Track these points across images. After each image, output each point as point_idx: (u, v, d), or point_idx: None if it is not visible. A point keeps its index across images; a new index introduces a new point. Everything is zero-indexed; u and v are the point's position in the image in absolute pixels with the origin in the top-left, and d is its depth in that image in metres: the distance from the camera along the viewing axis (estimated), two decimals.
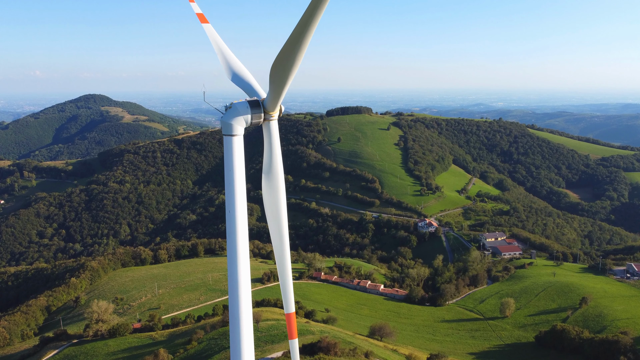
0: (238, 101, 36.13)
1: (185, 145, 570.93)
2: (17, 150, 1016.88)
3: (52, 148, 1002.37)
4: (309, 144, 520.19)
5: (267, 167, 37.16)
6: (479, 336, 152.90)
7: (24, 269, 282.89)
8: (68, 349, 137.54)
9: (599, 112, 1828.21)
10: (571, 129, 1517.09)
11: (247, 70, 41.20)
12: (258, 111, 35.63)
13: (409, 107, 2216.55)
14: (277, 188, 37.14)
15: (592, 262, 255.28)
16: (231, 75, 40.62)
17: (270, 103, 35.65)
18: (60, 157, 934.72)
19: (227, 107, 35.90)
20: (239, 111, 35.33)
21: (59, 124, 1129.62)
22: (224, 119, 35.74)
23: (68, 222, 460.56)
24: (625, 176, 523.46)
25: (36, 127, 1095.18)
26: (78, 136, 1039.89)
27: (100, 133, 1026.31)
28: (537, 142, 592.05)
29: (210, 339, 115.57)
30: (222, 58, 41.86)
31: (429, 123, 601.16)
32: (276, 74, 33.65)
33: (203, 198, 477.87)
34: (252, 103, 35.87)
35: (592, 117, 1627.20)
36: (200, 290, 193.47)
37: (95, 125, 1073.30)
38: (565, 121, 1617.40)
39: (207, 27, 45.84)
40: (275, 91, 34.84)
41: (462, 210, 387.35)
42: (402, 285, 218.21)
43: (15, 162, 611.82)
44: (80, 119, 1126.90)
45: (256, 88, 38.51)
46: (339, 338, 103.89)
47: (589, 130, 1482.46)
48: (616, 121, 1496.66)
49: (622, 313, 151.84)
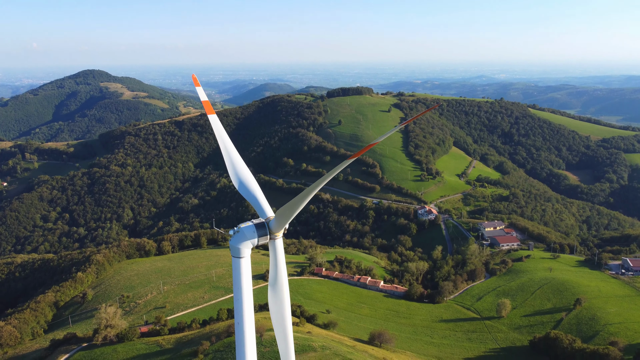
0: (245, 225, 38.28)
1: (186, 128, 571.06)
2: (17, 128, 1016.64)
3: (53, 126, 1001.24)
4: (310, 127, 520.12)
5: (273, 280, 39.65)
6: (475, 338, 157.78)
7: (30, 260, 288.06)
8: (78, 354, 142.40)
9: (602, 85, 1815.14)
10: (573, 103, 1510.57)
11: (253, 179, 43.10)
12: (264, 233, 37.97)
13: (410, 79, 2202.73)
14: (282, 299, 39.82)
15: (589, 253, 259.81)
16: (238, 183, 42.52)
17: (275, 227, 38.03)
18: (60, 135, 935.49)
19: (235, 231, 38.17)
20: (245, 236, 37.66)
21: (58, 100, 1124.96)
22: (232, 243, 38.18)
23: (71, 206, 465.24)
24: (625, 158, 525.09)
25: (36, 104, 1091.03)
26: (78, 113, 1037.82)
27: (100, 110, 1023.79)
28: (538, 123, 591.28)
29: (215, 351, 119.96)
30: (229, 163, 43.57)
31: (430, 104, 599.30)
32: (284, 213, 36.29)
33: (205, 181, 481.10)
34: (259, 226, 38.14)
35: (594, 91, 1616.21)
36: (204, 287, 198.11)
37: (95, 102, 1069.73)
38: (568, 94, 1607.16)
39: (213, 119, 47.63)
40: (282, 222, 37.35)
41: (461, 196, 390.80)
42: (401, 280, 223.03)
43: (17, 144, 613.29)
44: (80, 95, 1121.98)
45: (261, 203, 40.47)
46: (339, 355, 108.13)
47: (591, 104, 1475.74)
48: (619, 95, 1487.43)
49: (614, 316, 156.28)
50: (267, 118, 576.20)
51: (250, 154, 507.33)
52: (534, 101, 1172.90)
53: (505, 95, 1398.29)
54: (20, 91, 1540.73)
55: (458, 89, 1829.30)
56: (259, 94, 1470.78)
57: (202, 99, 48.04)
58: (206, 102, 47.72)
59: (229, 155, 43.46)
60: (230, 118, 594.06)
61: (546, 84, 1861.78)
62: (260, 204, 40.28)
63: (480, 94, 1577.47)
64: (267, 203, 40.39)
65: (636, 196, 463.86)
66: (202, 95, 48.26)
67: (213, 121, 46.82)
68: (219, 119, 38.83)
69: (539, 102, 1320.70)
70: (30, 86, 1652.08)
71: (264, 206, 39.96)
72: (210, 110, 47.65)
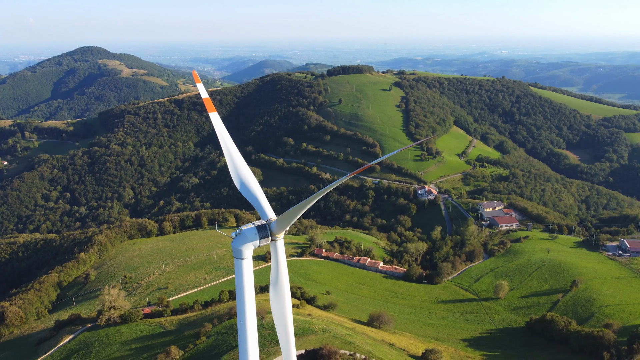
0: (247, 227, 39.08)
1: (186, 106, 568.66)
2: (16, 106, 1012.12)
3: (51, 103, 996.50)
4: (310, 106, 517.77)
5: (274, 280, 40.71)
6: (472, 319, 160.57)
7: (32, 240, 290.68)
8: (83, 335, 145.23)
9: (605, 62, 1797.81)
10: (575, 80, 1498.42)
11: (255, 180, 43.64)
12: (265, 235, 38.89)
13: (411, 56, 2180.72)
14: (282, 297, 40.98)
15: (587, 233, 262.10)
16: (239, 184, 43.10)
17: (277, 229, 38.92)
18: (59, 114, 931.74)
19: (237, 233, 39.01)
20: (247, 238, 38.60)
21: (56, 77, 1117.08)
22: (234, 245, 39.15)
23: (72, 185, 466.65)
24: (626, 137, 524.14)
25: (34, 82, 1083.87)
26: (77, 91, 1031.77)
27: (99, 88, 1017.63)
28: (539, 101, 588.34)
29: (217, 333, 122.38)
30: (231, 163, 44.12)
31: (431, 82, 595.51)
32: (285, 218, 37.18)
33: (205, 161, 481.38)
34: (260, 228, 39.03)
35: (597, 68, 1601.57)
36: (205, 268, 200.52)
37: (94, 79, 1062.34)
38: (570, 71, 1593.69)
39: (214, 117, 47.99)
40: (283, 226, 38.24)
41: (461, 175, 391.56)
42: (400, 260, 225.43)
43: (16, 122, 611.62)
44: (78, 72, 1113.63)
45: (263, 204, 41.19)
46: (339, 338, 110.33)
47: (593, 81, 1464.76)
48: (621, 72, 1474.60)
49: (610, 298, 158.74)
50: (267, 97, 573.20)
51: (251, 133, 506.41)
52: (535, 78, 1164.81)
53: (506, 72, 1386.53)
54: (17, 68, 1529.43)
55: (459, 65, 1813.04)
56: (259, 71, 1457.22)
57: (203, 97, 48.30)
58: (207, 99, 48.04)
59: (231, 155, 43.95)
60: (230, 97, 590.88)
61: (548, 61, 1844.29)
62: (261, 205, 40.99)
63: (481, 71, 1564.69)
64: (268, 204, 41.10)
65: (635, 176, 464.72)
66: (203, 93, 48.54)
67: (214, 120, 47.18)
68: (220, 97, 38.34)
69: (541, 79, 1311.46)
70: (27, 63, 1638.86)
71: (265, 208, 40.68)
72: (212, 108, 48.03)
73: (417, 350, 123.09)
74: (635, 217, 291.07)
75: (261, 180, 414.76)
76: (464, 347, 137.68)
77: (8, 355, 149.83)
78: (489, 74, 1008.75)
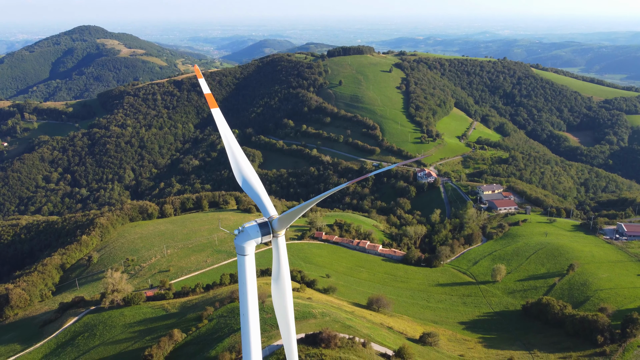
0: (249, 224, 40.12)
1: (185, 87, 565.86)
2: (15, 86, 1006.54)
3: (50, 84, 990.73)
4: (310, 87, 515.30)
5: (276, 275, 42.02)
6: (470, 302, 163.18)
7: (34, 222, 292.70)
8: (87, 317, 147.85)
9: (608, 42, 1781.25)
10: (577, 61, 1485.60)
11: (257, 177, 44.43)
12: (267, 232, 40.04)
13: (413, 36, 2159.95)
14: (284, 292, 42.39)
15: (585, 217, 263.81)
16: (242, 181, 43.92)
17: (278, 227, 40.04)
18: (58, 94, 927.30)
19: (239, 230, 40.10)
20: (249, 235, 39.73)
21: (54, 57, 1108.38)
22: (237, 242, 40.29)
23: (72, 166, 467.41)
24: (627, 119, 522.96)
25: (32, 61, 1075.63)
26: (75, 71, 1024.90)
27: (97, 68, 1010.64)
28: (540, 83, 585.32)
29: (219, 317, 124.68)
30: (233, 161, 44.77)
31: (432, 64, 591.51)
32: (287, 218, 38.34)
33: (205, 142, 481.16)
34: (262, 225, 40.12)
35: (600, 48, 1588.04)
36: (206, 251, 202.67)
37: (92, 59, 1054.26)
38: (572, 52, 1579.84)
39: (216, 113, 48.58)
40: (284, 224, 39.42)
41: (461, 158, 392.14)
42: (399, 244, 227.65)
43: (15, 103, 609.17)
44: (76, 52, 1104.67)
45: (265, 202, 42.14)
46: (339, 322, 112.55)
47: (595, 62, 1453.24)
48: (624, 52, 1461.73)
49: (605, 282, 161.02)
50: (267, 78, 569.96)
51: (250, 114, 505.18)
52: (537, 59, 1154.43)
53: (508, 53, 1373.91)
54: (15, 47, 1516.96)
55: (461, 45, 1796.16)
56: (259, 51, 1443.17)
57: (205, 92, 48.61)
58: (209, 95, 48.40)
59: (233, 153, 44.61)
60: (229, 78, 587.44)
61: (551, 41, 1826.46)
62: (263, 203, 41.95)
63: (483, 51, 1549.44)
64: (270, 202, 42.08)
65: (635, 158, 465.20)
66: (205, 89, 48.86)
67: (217, 116, 47.62)
68: (219, 78, 38.31)
69: (543, 59, 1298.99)
70: (25, 42, 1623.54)
71: (267, 205, 41.65)
72: (214, 104, 48.49)
73: (415, 333, 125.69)
74: (633, 200, 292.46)
75: (261, 163, 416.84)
76: (461, 330, 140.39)
77: (14, 336, 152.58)
78: (491, 54, 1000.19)
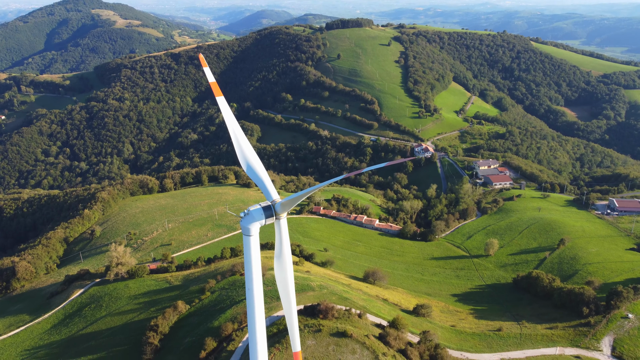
0: (254, 208, 43.73)
1: (183, 60, 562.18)
2: (9, 57, 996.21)
3: (46, 55, 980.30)
4: (308, 61, 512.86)
5: (278, 253, 45.95)
6: (463, 275, 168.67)
7: (36, 196, 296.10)
8: (92, 289, 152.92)
9: (610, 14, 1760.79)
10: (578, 33, 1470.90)
11: (260, 163, 47.78)
12: (270, 214, 43.82)
13: (413, 6, 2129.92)
14: (285, 268, 46.35)
15: (579, 192, 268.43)
16: (246, 167, 47.34)
17: (280, 210, 43.72)
18: (54, 66, 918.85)
19: (245, 213, 43.75)
20: (254, 217, 43.48)
21: (49, 28, 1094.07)
22: (242, 224, 44.07)
23: (71, 140, 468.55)
24: (625, 94, 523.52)
25: (26, 32, 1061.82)
26: (70, 42, 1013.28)
27: (93, 39, 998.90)
28: (539, 57, 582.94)
29: (221, 289, 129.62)
30: (238, 148, 48.07)
31: (431, 37, 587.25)
32: (288, 203, 41.98)
33: (203, 116, 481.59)
34: (266, 208, 43.82)
35: (601, 20, 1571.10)
36: (207, 225, 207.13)
37: (87, 30, 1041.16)
38: (574, 24, 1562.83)
39: (221, 101, 51.52)
40: (286, 208, 43.12)
41: (458, 133, 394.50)
42: (396, 218, 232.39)
43: (12, 76, 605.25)
44: (71, 23, 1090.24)
45: (268, 187, 45.73)
46: (336, 294, 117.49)
47: (596, 34, 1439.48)
48: (626, 24, 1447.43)
49: (594, 256, 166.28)
50: (265, 51, 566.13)
51: (249, 88, 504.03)
52: (538, 31, 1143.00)
53: (509, 25, 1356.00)
54: (8, 17, 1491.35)
55: (461, 17, 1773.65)
56: (256, 22, 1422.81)
57: (210, 81, 51.35)
58: (214, 83, 51.26)
59: (238, 140, 47.80)
60: (227, 51, 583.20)
61: (552, 12, 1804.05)
62: (267, 187, 45.50)
63: (483, 23, 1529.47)
64: (273, 187, 45.61)
65: (632, 133, 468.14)
66: (209, 77, 51.53)
67: (222, 104, 50.56)
68: (217, 51, 39.69)
69: (544, 32, 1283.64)
70: (18, 12, 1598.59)
71: (271, 190, 45.23)
72: (219, 92, 51.36)
73: (409, 305, 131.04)
74: (626, 176, 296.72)
75: (260, 137, 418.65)
76: (453, 301, 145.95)
77: (22, 307, 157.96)
78: (491, 26, 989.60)
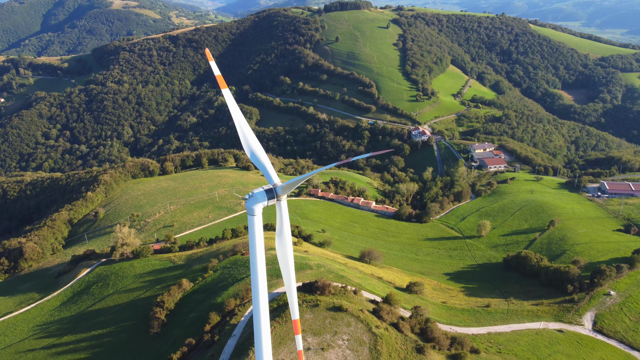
0: (257, 190, 48.91)
1: (181, 43, 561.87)
2: (6, 39, 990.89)
3: (42, 37, 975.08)
4: (307, 44, 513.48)
5: (279, 231, 51.28)
6: (455, 255, 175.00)
7: (39, 178, 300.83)
8: (99, 269, 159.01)
9: None
10: (579, 14, 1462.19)
11: (263, 150, 52.84)
12: (272, 197, 49.06)
13: None
14: (285, 245, 51.68)
15: (572, 175, 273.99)
16: (250, 153, 52.43)
17: (281, 193, 48.93)
18: (51, 47, 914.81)
19: (250, 195, 48.94)
20: (257, 199, 48.69)
21: (45, 9, 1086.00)
22: (247, 205, 49.32)
23: (71, 123, 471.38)
24: (622, 77, 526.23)
25: (22, 13, 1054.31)
26: (67, 24, 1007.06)
27: (90, 21, 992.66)
28: (537, 40, 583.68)
29: (223, 268, 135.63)
30: (242, 136, 53.00)
31: (430, 19, 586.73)
32: (288, 186, 47.20)
33: (202, 99, 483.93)
34: (268, 191, 49.01)
35: (602, 1, 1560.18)
36: (208, 207, 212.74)
37: (84, 11, 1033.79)
38: (574, 5, 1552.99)
39: (226, 93, 56.34)
40: (286, 191, 48.35)
41: (455, 116, 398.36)
42: (392, 200, 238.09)
43: (10, 58, 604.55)
44: (67, 3, 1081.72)
45: (270, 172, 50.83)
46: (333, 272, 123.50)
47: (597, 16, 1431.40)
48: (626, 5, 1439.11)
49: (582, 237, 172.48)
50: (263, 33, 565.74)
51: (247, 71, 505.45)
52: (538, 12, 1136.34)
53: (509, 6, 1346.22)
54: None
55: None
56: (254, 2, 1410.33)
57: (216, 74, 55.94)
58: (219, 76, 55.85)
59: (242, 129, 52.71)
60: (225, 33, 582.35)
61: None
62: (268, 172, 50.64)
63: (483, 4, 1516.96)
64: (274, 171, 50.72)
65: (627, 117, 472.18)
66: (215, 71, 56.04)
67: (227, 96, 55.35)
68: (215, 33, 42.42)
69: (544, 13, 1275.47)
70: None
71: (272, 174, 50.39)
72: (224, 85, 56.05)
73: (403, 282, 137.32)
74: (619, 159, 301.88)
75: (258, 120, 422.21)
76: (445, 280, 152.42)
77: (31, 286, 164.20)
78: (491, 7, 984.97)
